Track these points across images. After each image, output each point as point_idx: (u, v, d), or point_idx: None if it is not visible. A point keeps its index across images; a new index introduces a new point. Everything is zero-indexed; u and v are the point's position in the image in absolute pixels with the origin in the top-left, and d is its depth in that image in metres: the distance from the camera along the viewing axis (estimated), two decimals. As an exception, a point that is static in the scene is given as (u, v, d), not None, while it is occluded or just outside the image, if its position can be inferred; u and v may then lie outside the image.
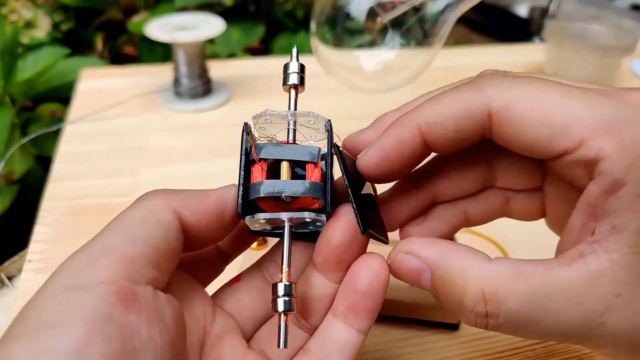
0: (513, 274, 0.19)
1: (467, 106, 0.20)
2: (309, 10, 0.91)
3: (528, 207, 0.25)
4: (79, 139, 0.51)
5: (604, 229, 0.18)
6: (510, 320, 0.19)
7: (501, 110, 0.20)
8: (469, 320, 0.20)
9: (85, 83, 0.61)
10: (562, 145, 0.19)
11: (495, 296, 0.19)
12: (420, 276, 0.21)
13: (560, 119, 0.19)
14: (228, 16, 0.68)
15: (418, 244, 0.21)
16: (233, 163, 0.50)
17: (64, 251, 0.38)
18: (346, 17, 0.47)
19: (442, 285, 0.20)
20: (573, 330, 0.18)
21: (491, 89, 0.20)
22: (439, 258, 0.20)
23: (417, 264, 0.21)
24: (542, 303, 0.18)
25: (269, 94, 0.60)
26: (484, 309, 0.19)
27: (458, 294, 0.19)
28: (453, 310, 0.20)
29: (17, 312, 0.18)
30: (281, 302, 0.20)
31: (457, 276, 0.20)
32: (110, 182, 0.45)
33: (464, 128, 0.21)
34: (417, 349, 0.31)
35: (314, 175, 0.22)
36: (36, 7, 0.79)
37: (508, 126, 0.20)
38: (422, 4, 0.44)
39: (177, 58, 0.55)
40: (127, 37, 0.92)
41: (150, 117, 0.55)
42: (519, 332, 0.19)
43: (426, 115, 0.21)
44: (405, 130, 0.21)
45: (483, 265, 0.19)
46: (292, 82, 0.23)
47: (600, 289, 0.18)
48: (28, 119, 0.68)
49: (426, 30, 0.45)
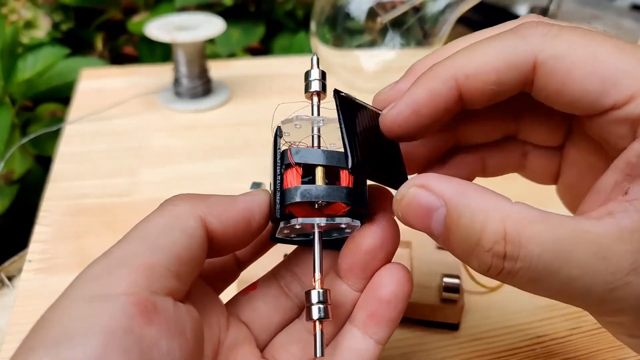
0: (539, 217, 0.17)
1: (511, 56, 0.19)
2: (309, 10, 0.91)
3: (543, 166, 0.24)
4: (79, 139, 0.51)
5: (638, 188, 0.17)
6: (530, 266, 0.17)
7: (549, 61, 0.18)
8: (483, 262, 0.18)
9: (85, 83, 0.61)
10: (611, 99, 0.18)
11: (517, 236, 0.17)
12: (431, 214, 0.18)
13: (612, 72, 0.18)
14: (228, 16, 0.68)
15: (434, 178, 0.19)
16: (233, 163, 0.50)
17: (64, 251, 0.38)
18: (346, 17, 0.47)
19: (457, 224, 0.18)
20: (594, 287, 0.17)
21: (537, 37, 0.18)
22: (457, 193, 0.18)
23: (430, 199, 0.18)
24: (567, 251, 0.17)
25: (269, 94, 0.60)
26: (503, 249, 0.17)
27: (476, 233, 0.17)
28: (465, 252, 0.18)
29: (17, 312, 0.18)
30: (316, 309, 0.20)
31: (477, 213, 0.17)
32: (110, 182, 0.45)
33: (506, 80, 0.19)
34: (417, 349, 0.31)
35: (349, 181, 0.22)
36: (36, 7, 0.78)
37: (555, 78, 0.18)
38: (422, 4, 0.44)
39: (177, 58, 0.55)
40: (127, 37, 0.92)
41: (150, 117, 0.55)
42: (535, 282, 0.17)
43: (464, 66, 0.19)
44: (439, 82, 0.19)
45: (506, 204, 0.18)
46: (314, 89, 0.22)
47: (629, 246, 0.17)
48: (28, 119, 0.68)
49: (426, 30, 0.45)
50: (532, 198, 0.20)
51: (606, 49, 0.18)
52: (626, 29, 0.60)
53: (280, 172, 0.22)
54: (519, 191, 0.23)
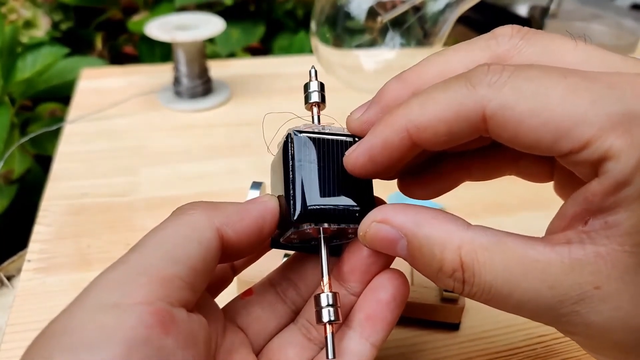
0: (492, 244, 0.18)
1: (460, 108, 0.19)
2: (309, 10, 0.91)
3: (537, 168, 0.24)
4: (78, 138, 0.51)
5: (597, 222, 0.17)
6: (484, 291, 0.18)
7: (497, 113, 0.18)
8: (447, 285, 0.19)
9: (85, 82, 0.61)
10: (567, 147, 0.17)
11: (471, 264, 0.18)
12: (395, 245, 0.20)
13: (563, 120, 0.17)
14: (228, 16, 0.68)
15: (391, 211, 0.20)
16: (233, 163, 0.50)
17: (63, 251, 0.38)
18: (346, 17, 0.47)
19: (419, 253, 0.19)
20: (543, 312, 0.18)
21: (485, 87, 0.18)
22: (414, 225, 0.19)
23: (391, 232, 0.20)
24: (516, 279, 0.18)
25: (269, 93, 0.59)
26: (462, 276, 0.18)
27: (436, 262, 0.19)
28: (430, 277, 0.20)
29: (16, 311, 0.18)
30: (326, 312, 0.20)
31: (435, 244, 0.19)
32: (110, 182, 0.45)
33: (457, 131, 0.19)
34: (417, 349, 0.31)
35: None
36: (36, 7, 0.78)
37: (505, 129, 0.18)
38: (422, 4, 0.44)
39: (177, 58, 0.55)
40: (127, 36, 0.92)
41: (150, 117, 0.55)
42: (491, 303, 0.19)
43: (415, 118, 0.20)
44: (393, 132, 0.20)
45: (461, 232, 0.19)
46: (313, 100, 0.23)
47: (578, 278, 0.17)
48: (27, 119, 0.68)
49: (426, 30, 0.45)
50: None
51: (558, 93, 0.17)
52: (626, 28, 0.60)
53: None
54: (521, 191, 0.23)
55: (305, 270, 0.24)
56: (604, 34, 0.61)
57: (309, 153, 0.22)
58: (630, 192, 0.17)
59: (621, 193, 0.17)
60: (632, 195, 0.17)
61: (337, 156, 0.22)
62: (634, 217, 0.17)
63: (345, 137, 0.22)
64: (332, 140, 0.22)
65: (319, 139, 0.22)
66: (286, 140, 0.22)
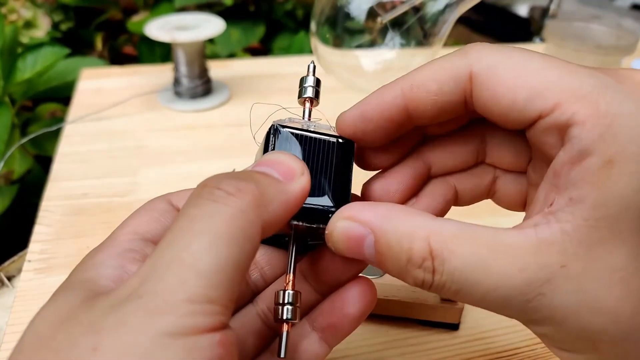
0: (460, 231, 0.18)
1: (451, 68, 0.20)
2: (309, 10, 0.91)
3: (512, 191, 0.24)
4: (78, 138, 0.51)
5: (562, 200, 0.18)
6: (453, 279, 0.18)
7: (481, 72, 0.20)
8: (417, 278, 0.19)
9: (85, 83, 0.61)
10: (537, 108, 0.18)
11: (440, 251, 0.18)
12: (362, 243, 0.19)
13: (537, 82, 0.18)
14: (228, 16, 0.68)
15: (358, 208, 0.20)
16: (233, 163, 0.50)
17: (63, 251, 0.38)
18: (346, 17, 0.47)
19: (387, 248, 0.19)
20: (512, 298, 0.17)
21: (475, 53, 0.20)
22: (382, 219, 0.19)
23: (358, 229, 0.19)
24: (485, 264, 0.17)
25: (269, 94, 0.60)
26: (432, 265, 0.18)
27: (405, 253, 0.18)
28: (399, 272, 0.19)
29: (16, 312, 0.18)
30: (285, 310, 0.20)
31: (404, 235, 0.18)
32: (110, 182, 0.45)
33: (446, 90, 0.20)
34: (417, 349, 0.31)
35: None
36: (36, 7, 0.78)
37: (487, 88, 0.19)
38: (422, 4, 0.44)
39: (177, 58, 0.55)
40: (127, 37, 0.92)
41: (150, 117, 0.55)
42: (461, 294, 0.18)
43: (410, 78, 0.21)
44: (387, 92, 0.21)
45: (429, 222, 0.19)
46: (307, 95, 0.23)
47: (545, 258, 0.17)
48: (28, 119, 0.67)
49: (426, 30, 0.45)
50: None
51: (535, 61, 0.19)
52: (626, 28, 0.60)
53: None
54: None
55: (273, 254, 0.24)
56: (604, 34, 0.61)
57: (289, 149, 0.21)
58: (593, 163, 0.17)
59: (584, 163, 0.17)
60: (594, 167, 0.17)
61: (318, 156, 0.22)
62: (596, 189, 0.17)
63: (329, 137, 0.22)
64: (315, 139, 0.22)
65: (302, 136, 0.22)
66: (269, 132, 0.22)
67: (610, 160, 0.17)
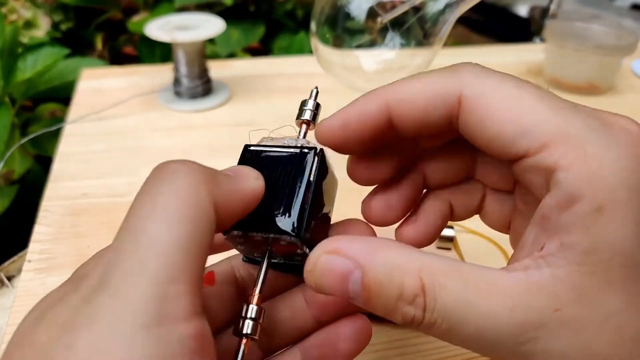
0: (450, 267, 0.17)
1: (440, 88, 0.20)
2: (309, 10, 0.91)
3: (498, 211, 0.24)
4: (79, 138, 0.51)
5: (552, 245, 0.17)
6: (444, 317, 0.17)
7: (471, 98, 0.19)
8: (407, 315, 0.18)
9: (85, 83, 0.61)
10: (524, 145, 0.18)
11: (432, 287, 0.17)
12: (347, 279, 0.18)
13: (527, 118, 0.18)
14: (228, 16, 0.68)
15: (343, 241, 0.19)
16: (233, 163, 0.50)
17: (63, 251, 0.38)
18: (346, 17, 0.47)
19: (375, 283, 0.18)
20: (503, 339, 0.17)
21: (467, 75, 0.19)
22: (370, 252, 0.18)
23: (344, 264, 0.18)
24: (476, 302, 0.17)
25: (269, 94, 0.60)
26: (423, 301, 0.17)
27: (395, 289, 0.17)
28: (386, 310, 0.18)
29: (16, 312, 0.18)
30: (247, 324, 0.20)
31: (394, 268, 0.17)
32: (110, 182, 0.45)
33: (432, 110, 0.20)
34: (417, 349, 0.31)
35: None
36: (36, 7, 0.78)
37: (475, 115, 0.19)
38: (422, 4, 0.44)
39: (177, 58, 0.55)
40: (127, 37, 0.92)
41: (150, 117, 0.55)
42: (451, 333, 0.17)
43: (396, 91, 0.20)
44: (371, 103, 0.21)
45: (419, 256, 0.18)
46: (304, 118, 0.23)
47: (537, 301, 0.17)
48: (28, 119, 0.68)
49: (426, 30, 0.45)
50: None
51: (528, 95, 0.18)
52: (626, 28, 0.60)
53: None
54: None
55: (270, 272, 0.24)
56: (604, 34, 0.61)
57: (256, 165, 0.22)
58: (583, 209, 0.17)
59: (574, 209, 0.17)
60: (585, 212, 0.17)
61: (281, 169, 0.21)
62: (587, 236, 0.16)
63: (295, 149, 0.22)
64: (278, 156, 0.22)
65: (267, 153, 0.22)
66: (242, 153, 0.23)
67: (600, 206, 0.16)
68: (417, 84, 0.20)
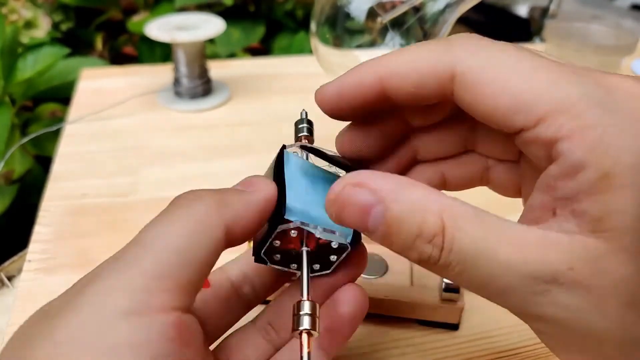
0: (472, 213, 0.18)
1: (433, 62, 0.19)
2: (309, 10, 0.91)
3: (506, 180, 0.24)
4: (79, 138, 0.51)
5: (564, 211, 0.17)
6: (459, 259, 0.17)
7: (465, 74, 0.19)
8: (423, 253, 0.18)
9: (85, 83, 0.61)
10: (520, 120, 0.18)
11: (452, 229, 0.17)
12: (369, 212, 0.18)
13: (521, 93, 0.18)
14: (228, 16, 0.68)
15: (369, 175, 0.18)
16: (233, 163, 0.50)
17: (63, 251, 0.38)
18: (346, 17, 0.47)
19: (397, 219, 0.18)
20: (515, 287, 0.17)
21: (461, 50, 0.19)
22: (395, 188, 0.18)
23: (367, 196, 0.18)
24: (493, 249, 0.17)
25: (269, 94, 0.59)
26: (442, 241, 0.17)
27: (417, 225, 0.17)
28: (403, 247, 0.18)
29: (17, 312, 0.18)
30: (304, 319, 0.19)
31: (417, 206, 0.17)
32: (110, 182, 0.45)
33: (425, 85, 0.20)
34: (417, 349, 0.31)
35: None
36: (36, 7, 0.78)
37: (469, 91, 0.19)
38: (422, 4, 0.44)
39: (177, 58, 0.55)
40: (127, 37, 0.92)
41: (150, 117, 0.55)
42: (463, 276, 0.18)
43: (390, 63, 0.20)
44: (366, 74, 0.21)
45: (443, 198, 0.18)
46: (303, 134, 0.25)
47: (552, 257, 0.17)
48: (28, 119, 0.68)
49: (426, 30, 0.45)
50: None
51: (524, 68, 0.18)
52: (626, 29, 0.60)
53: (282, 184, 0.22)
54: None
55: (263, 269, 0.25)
56: (603, 34, 0.61)
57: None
58: (589, 177, 0.17)
59: (579, 177, 0.17)
60: (591, 180, 0.17)
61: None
62: (598, 203, 0.17)
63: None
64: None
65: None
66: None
67: (606, 173, 0.16)
68: (411, 56, 0.20)
